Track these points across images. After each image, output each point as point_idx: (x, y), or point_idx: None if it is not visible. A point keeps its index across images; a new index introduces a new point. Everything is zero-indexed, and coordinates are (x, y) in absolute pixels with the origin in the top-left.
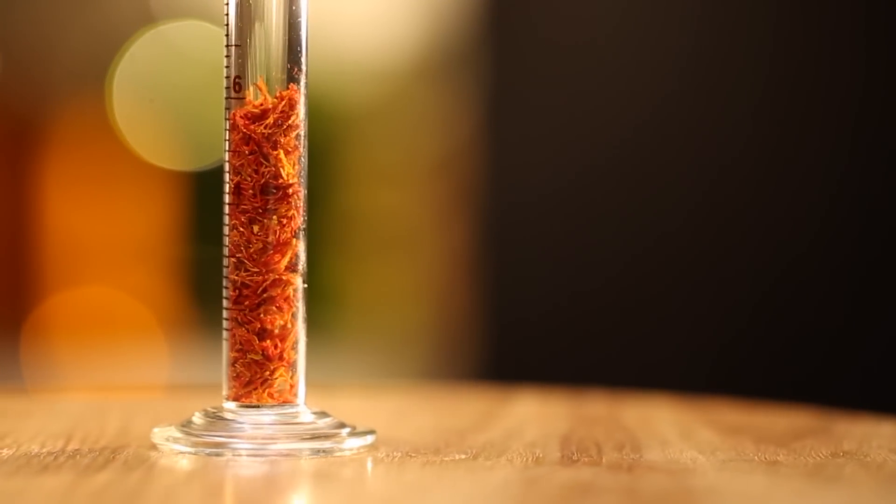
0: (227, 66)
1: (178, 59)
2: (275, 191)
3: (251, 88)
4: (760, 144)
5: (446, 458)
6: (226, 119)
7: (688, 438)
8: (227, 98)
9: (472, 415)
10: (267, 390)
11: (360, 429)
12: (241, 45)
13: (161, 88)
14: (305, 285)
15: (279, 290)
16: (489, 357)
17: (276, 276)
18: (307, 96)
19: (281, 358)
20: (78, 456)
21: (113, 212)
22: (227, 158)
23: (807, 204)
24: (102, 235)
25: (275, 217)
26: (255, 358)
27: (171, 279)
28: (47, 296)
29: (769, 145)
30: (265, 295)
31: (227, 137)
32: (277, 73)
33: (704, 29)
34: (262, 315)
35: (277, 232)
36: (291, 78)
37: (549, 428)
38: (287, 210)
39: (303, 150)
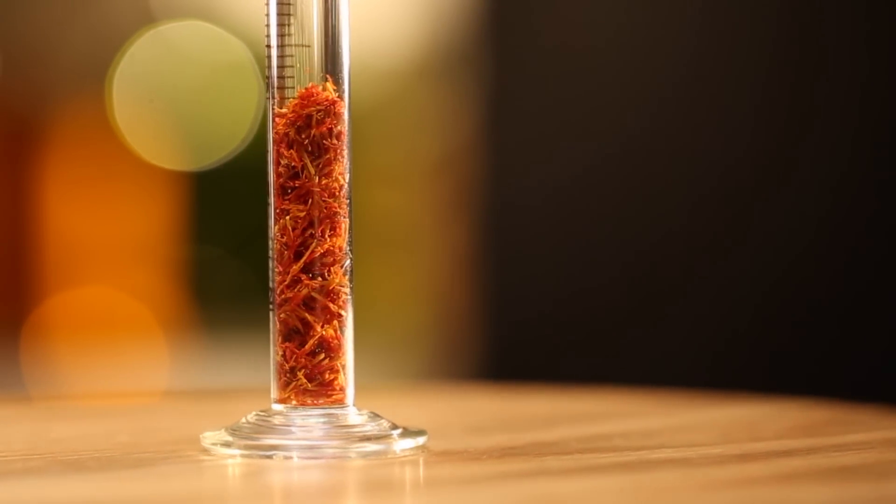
0: (267, 67)
1: (178, 59)
2: (289, 191)
3: (319, 86)
4: (760, 146)
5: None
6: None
7: None
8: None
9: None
10: (291, 391)
11: (410, 429)
12: (274, 45)
13: (161, 89)
14: (346, 287)
15: (294, 292)
16: (490, 357)
17: (293, 277)
18: (348, 99)
19: (298, 360)
20: (128, 461)
21: (113, 212)
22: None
23: (807, 203)
24: (102, 235)
25: (288, 218)
26: (276, 359)
27: (171, 279)
28: (47, 296)
29: (769, 146)
30: (282, 297)
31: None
32: (308, 73)
33: (706, 31)
34: (282, 316)
35: (290, 233)
36: (337, 81)
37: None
38: (300, 211)
39: (346, 152)
